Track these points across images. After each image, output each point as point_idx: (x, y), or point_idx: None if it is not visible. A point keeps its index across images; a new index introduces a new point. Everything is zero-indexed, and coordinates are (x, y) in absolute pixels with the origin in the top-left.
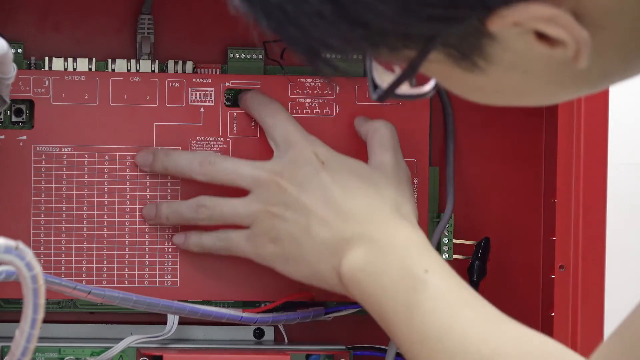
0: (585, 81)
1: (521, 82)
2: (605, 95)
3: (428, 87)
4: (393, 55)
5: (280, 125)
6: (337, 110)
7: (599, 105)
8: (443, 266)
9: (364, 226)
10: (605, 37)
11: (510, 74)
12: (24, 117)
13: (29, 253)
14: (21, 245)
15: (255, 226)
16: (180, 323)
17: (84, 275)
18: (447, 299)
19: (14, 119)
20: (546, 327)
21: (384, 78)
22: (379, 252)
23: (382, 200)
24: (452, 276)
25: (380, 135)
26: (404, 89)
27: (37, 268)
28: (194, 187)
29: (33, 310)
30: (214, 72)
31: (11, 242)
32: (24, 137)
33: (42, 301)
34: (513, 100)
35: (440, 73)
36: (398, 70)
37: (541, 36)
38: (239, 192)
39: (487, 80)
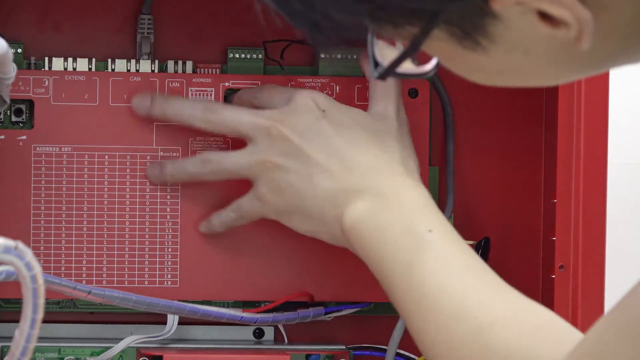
0: (587, 63)
1: (523, 62)
2: (605, 95)
3: (429, 66)
4: (396, 31)
5: (278, 90)
6: None
7: (599, 105)
8: (448, 228)
9: (370, 179)
10: (608, 19)
11: (512, 54)
12: (24, 117)
13: (28, 253)
14: (20, 245)
15: (257, 180)
16: (180, 323)
17: (84, 275)
18: (449, 261)
19: (14, 119)
20: None
21: (385, 56)
22: (384, 207)
23: (387, 154)
24: (455, 239)
25: (384, 84)
26: (405, 67)
27: (37, 268)
28: (194, 186)
29: (32, 310)
30: (213, 72)
31: (10, 242)
32: (24, 137)
33: (41, 301)
34: (515, 81)
35: (442, 52)
36: (400, 48)
37: (544, 16)
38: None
39: (489, 60)
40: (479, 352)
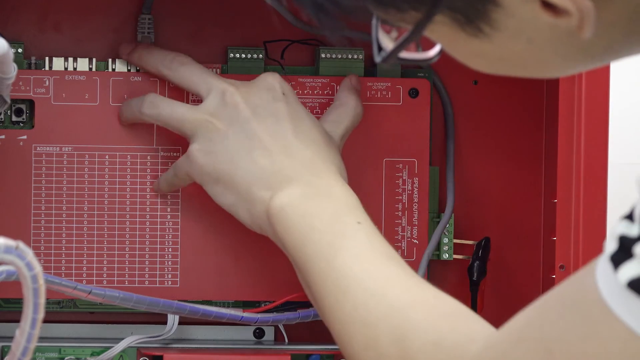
0: (589, 53)
1: (525, 50)
2: (605, 95)
3: (432, 52)
4: (400, 16)
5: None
6: None
7: (600, 105)
8: (374, 226)
9: (307, 170)
10: (611, 10)
11: (514, 41)
12: (24, 117)
13: (29, 253)
14: (21, 245)
15: (193, 137)
16: (180, 323)
17: (84, 275)
18: (374, 250)
19: (14, 118)
20: None
21: (389, 41)
22: (315, 196)
23: (329, 156)
24: (381, 236)
25: (344, 111)
26: (409, 53)
27: (38, 268)
28: (195, 186)
29: (33, 310)
30: (214, 72)
31: (11, 242)
32: (24, 137)
33: (42, 301)
34: (516, 70)
35: (445, 37)
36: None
37: (546, 4)
38: None
39: (491, 47)
40: (396, 327)
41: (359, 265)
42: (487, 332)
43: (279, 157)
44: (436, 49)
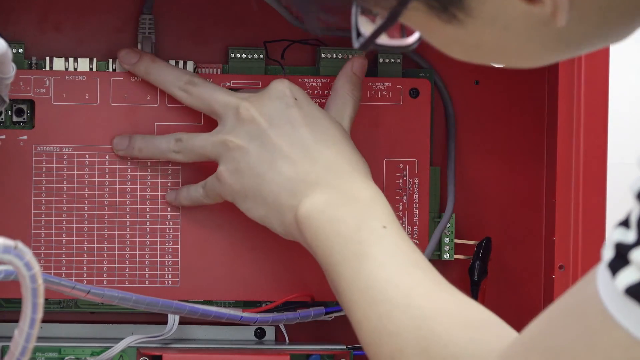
0: (565, 41)
1: (500, 38)
2: (605, 95)
3: (411, 39)
4: (375, 2)
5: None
6: None
7: (599, 105)
8: (400, 228)
9: (331, 174)
10: None
11: (489, 28)
12: (24, 117)
13: (28, 253)
14: (20, 245)
15: (219, 159)
16: (180, 323)
17: (84, 275)
18: (399, 256)
19: (14, 118)
20: None
21: (368, 28)
22: (341, 201)
23: (350, 154)
24: (406, 238)
25: (341, 102)
26: (387, 39)
27: (36, 267)
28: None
29: (32, 309)
30: (214, 72)
31: (10, 242)
32: (25, 137)
33: (41, 300)
34: (492, 58)
35: (421, 24)
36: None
37: None
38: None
39: (466, 34)
40: (420, 339)
41: (384, 274)
42: (504, 341)
43: (302, 164)
44: (415, 37)
